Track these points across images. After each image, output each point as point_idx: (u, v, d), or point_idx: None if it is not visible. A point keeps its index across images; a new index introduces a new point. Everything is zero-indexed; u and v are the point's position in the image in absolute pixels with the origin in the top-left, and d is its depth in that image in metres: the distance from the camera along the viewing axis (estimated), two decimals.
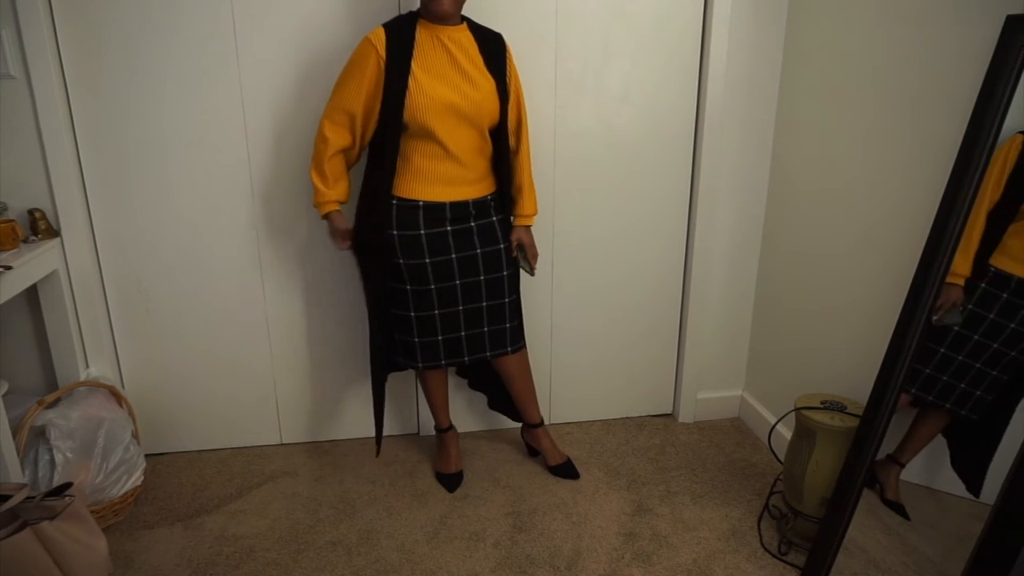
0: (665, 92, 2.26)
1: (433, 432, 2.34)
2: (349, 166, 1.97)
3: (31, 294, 2.10)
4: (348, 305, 2.32)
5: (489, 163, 1.99)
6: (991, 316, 1.52)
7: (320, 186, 1.92)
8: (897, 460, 1.71)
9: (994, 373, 1.54)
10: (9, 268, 1.79)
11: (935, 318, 1.56)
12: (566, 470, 2.25)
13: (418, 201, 1.91)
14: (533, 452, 2.35)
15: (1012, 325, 1.50)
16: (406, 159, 1.89)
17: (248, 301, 2.27)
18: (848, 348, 2.00)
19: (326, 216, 1.96)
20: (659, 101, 2.26)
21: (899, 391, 1.60)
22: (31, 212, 2.02)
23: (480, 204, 1.98)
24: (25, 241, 1.98)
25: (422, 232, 1.92)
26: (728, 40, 2.20)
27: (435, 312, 1.99)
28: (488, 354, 2.08)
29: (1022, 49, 1.36)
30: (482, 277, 2.01)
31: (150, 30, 1.99)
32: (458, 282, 1.98)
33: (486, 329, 2.06)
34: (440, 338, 2.02)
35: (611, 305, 2.46)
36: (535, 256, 2.11)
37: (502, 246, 2.02)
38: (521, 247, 2.07)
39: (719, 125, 2.27)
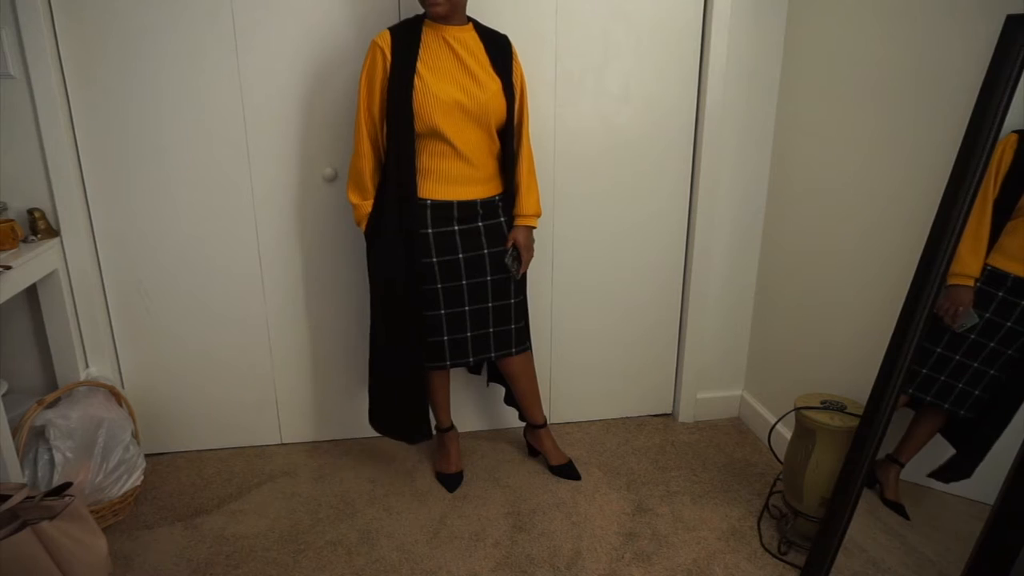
0: (665, 91, 2.26)
1: (433, 432, 2.34)
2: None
3: (31, 294, 2.10)
4: (348, 305, 2.32)
5: (498, 163, 1.99)
6: (987, 315, 1.52)
7: (359, 202, 1.94)
8: (897, 460, 1.71)
9: (992, 372, 1.54)
10: (9, 268, 1.79)
11: (955, 326, 1.55)
12: (567, 471, 2.25)
13: (426, 200, 1.91)
14: (534, 452, 2.35)
15: (1008, 323, 1.50)
16: (416, 157, 1.89)
17: (248, 301, 2.27)
18: (848, 348, 2.00)
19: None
20: (659, 101, 2.26)
21: (899, 391, 1.59)
22: (31, 212, 2.02)
23: (488, 204, 1.98)
24: (25, 241, 1.99)
25: (429, 231, 1.92)
26: (728, 39, 2.20)
27: (441, 312, 1.99)
28: (493, 355, 2.08)
29: (1022, 49, 1.36)
30: (489, 278, 2.00)
31: (150, 30, 1.99)
32: (464, 282, 1.98)
33: (491, 330, 2.05)
34: (445, 338, 2.02)
35: (611, 305, 2.46)
36: (528, 260, 2.08)
37: (510, 247, 2.03)
38: (516, 248, 2.05)
39: (719, 124, 2.27)
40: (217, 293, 2.25)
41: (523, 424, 2.34)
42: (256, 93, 2.08)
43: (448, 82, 1.84)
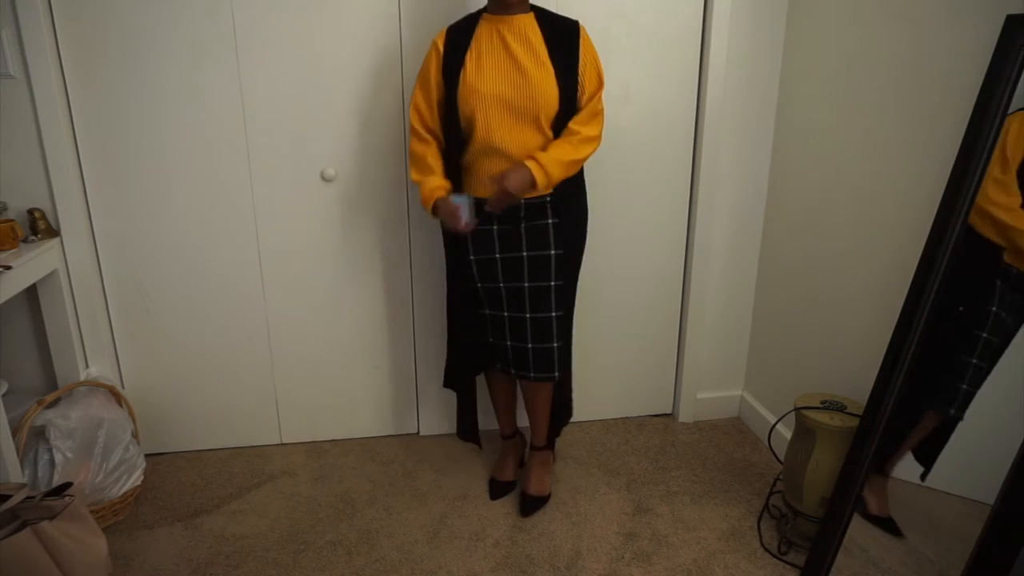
0: (665, 92, 2.26)
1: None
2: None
3: (31, 294, 2.10)
4: (348, 305, 2.32)
5: None
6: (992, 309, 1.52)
7: (419, 178, 1.89)
8: (880, 470, 1.69)
9: (979, 363, 1.52)
10: (9, 268, 1.79)
11: None
12: (532, 504, 2.06)
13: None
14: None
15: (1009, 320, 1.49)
16: (462, 153, 1.88)
17: (248, 301, 2.27)
18: (848, 348, 2.00)
19: (434, 208, 1.85)
20: (659, 101, 2.26)
21: (899, 391, 1.59)
22: (31, 212, 2.02)
23: (533, 205, 1.87)
24: (25, 241, 1.99)
25: None
26: (728, 40, 2.19)
27: (485, 312, 1.95)
28: (532, 375, 1.93)
29: (1022, 49, 1.36)
30: (526, 284, 1.88)
31: (150, 30, 1.99)
32: (502, 285, 1.91)
33: (530, 346, 1.91)
34: (490, 339, 1.98)
35: (611, 305, 2.46)
36: (502, 200, 1.77)
37: (553, 252, 1.88)
38: (502, 177, 1.76)
39: (719, 124, 2.27)
40: (217, 293, 2.25)
41: (527, 425, 2.33)
42: (256, 93, 2.08)
43: (491, 75, 1.79)
